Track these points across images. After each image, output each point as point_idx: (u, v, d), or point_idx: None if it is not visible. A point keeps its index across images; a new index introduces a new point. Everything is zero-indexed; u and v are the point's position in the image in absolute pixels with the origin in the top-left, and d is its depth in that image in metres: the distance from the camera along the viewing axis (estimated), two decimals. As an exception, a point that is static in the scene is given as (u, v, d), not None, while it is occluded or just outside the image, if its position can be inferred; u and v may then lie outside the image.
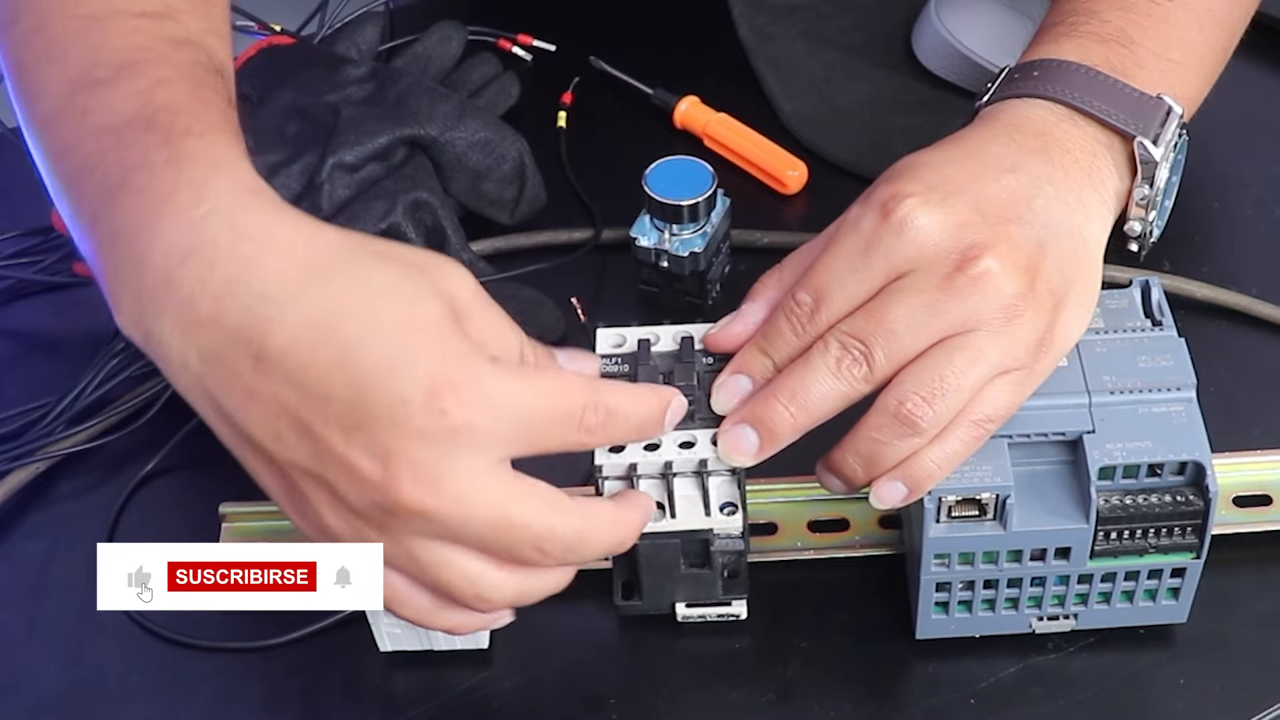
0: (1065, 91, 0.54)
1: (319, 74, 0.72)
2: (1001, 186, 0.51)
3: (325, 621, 0.58)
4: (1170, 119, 0.54)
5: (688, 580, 0.55)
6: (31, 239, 0.71)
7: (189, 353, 0.46)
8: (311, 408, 0.45)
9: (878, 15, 0.80)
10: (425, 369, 0.45)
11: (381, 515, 0.46)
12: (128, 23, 0.52)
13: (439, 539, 0.47)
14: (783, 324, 0.51)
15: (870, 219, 0.50)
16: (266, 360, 0.45)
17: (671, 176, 0.66)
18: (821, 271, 0.51)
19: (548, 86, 0.79)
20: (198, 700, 0.58)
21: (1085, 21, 0.57)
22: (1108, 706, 0.55)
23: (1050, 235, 0.51)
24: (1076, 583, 0.55)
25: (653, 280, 0.68)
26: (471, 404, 0.45)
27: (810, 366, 0.50)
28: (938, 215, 0.50)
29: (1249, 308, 0.67)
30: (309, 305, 0.45)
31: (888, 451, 0.50)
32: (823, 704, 0.56)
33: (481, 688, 0.57)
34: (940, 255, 0.50)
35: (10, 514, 0.64)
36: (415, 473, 0.45)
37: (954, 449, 0.51)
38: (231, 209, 0.47)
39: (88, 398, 0.65)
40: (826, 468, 0.52)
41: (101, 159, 0.49)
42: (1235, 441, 0.60)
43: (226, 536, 0.61)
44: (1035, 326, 0.50)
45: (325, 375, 0.45)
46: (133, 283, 0.47)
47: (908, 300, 0.49)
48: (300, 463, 0.46)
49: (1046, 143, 0.53)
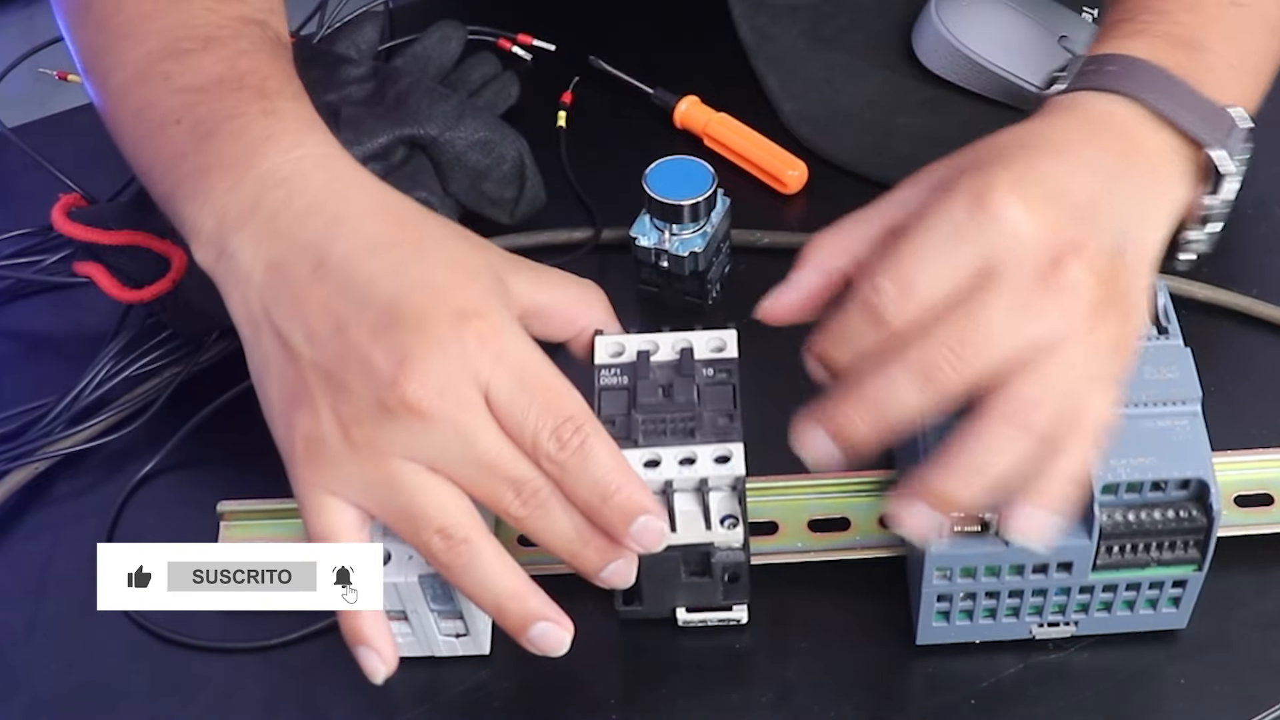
0: (1144, 92, 0.52)
1: (318, 73, 0.72)
2: (1087, 186, 0.50)
3: (325, 621, 0.58)
4: (1236, 130, 0.53)
5: (689, 588, 0.55)
6: (31, 239, 0.71)
7: (257, 262, 0.51)
8: (351, 310, 0.49)
9: (878, 15, 0.80)
10: (460, 296, 0.49)
11: (380, 416, 0.48)
12: (201, 4, 0.57)
13: (423, 459, 0.48)
14: (860, 315, 0.48)
15: (962, 206, 0.48)
16: (325, 267, 0.50)
17: (671, 176, 0.66)
18: (908, 258, 0.48)
19: (548, 86, 0.79)
20: (198, 700, 0.58)
21: (1156, 21, 0.55)
22: (1108, 706, 0.55)
23: (1125, 243, 0.50)
24: (1078, 593, 0.54)
25: (653, 280, 0.68)
26: (488, 338, 0.48)
27: (892, 377, 0.47)
28: (1034, 209, 0.48)
29: (1249, 308, 0.67)
30: (376, 229, 0.51)
31: (999, 469, 0.47)
32: (823, 704, 0.56)
33: (481, 688, 0.57)
34: (1034, 252, 0.47)
35: (10, 514, 0.64)
36: (425, 375, 0.47)
37: (1081, 463, 0.48)
38: (327, 157, 0.53)
39: (87, 398, 0.65)
40: (922, 496, 0.48)
41: (189, 112, 0.54)
42: (1235, 441, 0.60)
43: (225, 535, 0.61)
44: (1111, 334, 0.49)
45: (371, 282, 0.49)
46: (220, 206, 0.51)
47: (1003, 301, 0.47)
48: (323, 361, 0.49)
49: (1126, 145, 0.52)
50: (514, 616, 0.50)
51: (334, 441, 0.49)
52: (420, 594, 0.53)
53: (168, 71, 0.55)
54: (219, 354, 0.67)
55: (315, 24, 0.81)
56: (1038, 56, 0.75)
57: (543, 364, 0.50)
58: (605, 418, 0.53)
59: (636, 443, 0.52)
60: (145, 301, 0.65)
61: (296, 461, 0.50)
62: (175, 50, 0.55)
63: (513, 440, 0.49)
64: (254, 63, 0.55)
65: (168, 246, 0.64)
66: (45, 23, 0.66)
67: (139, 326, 0.67)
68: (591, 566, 0.51)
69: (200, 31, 0.56)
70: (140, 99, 0.56)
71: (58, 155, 0.73)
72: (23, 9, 1.64)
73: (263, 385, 0.51)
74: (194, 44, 0.55)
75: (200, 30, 0.56)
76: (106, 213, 0.67)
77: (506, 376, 0.49)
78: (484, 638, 0.57)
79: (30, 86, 0.80)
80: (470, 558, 0.50)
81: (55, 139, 0.77)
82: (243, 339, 0.52)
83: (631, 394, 0.53)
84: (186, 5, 0.57)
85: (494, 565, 0.50)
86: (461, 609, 0.55)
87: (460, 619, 0.56)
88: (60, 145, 0.75)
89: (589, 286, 0.56)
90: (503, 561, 0.50)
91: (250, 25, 0.57)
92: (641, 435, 0.52)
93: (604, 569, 0.51)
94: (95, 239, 0.65)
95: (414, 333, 0.48)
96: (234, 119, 0.53)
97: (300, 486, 0.50)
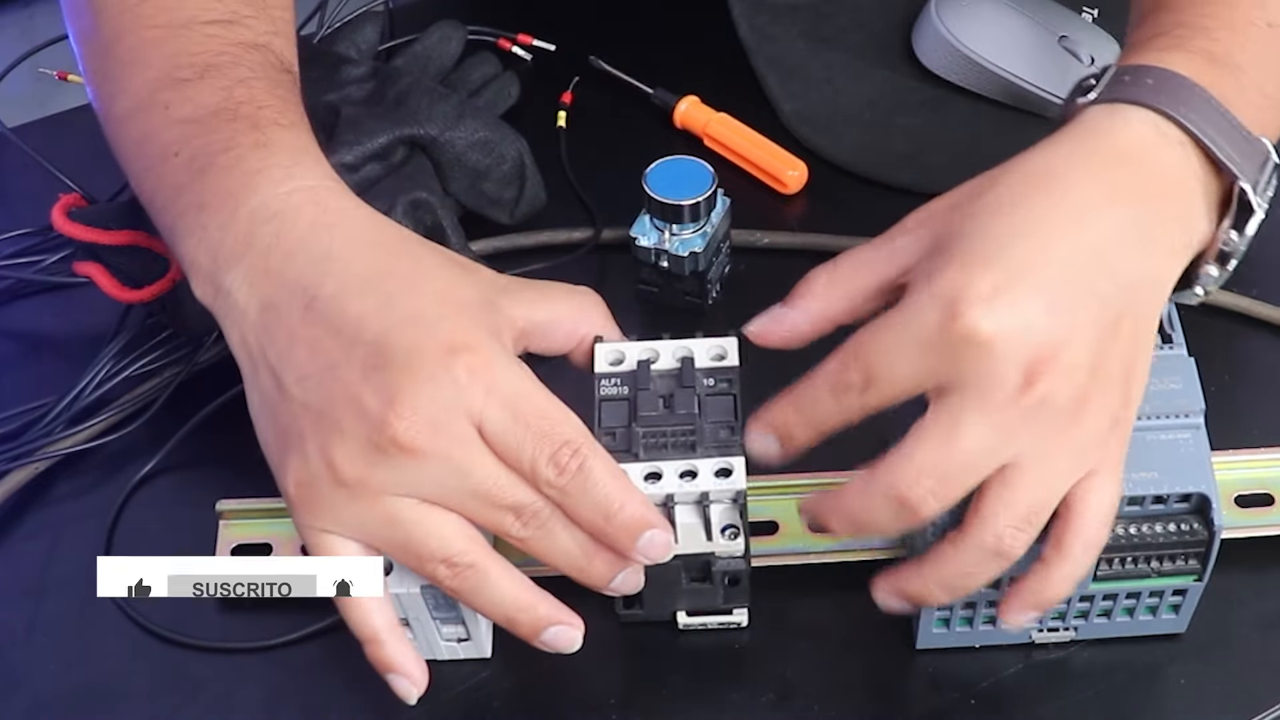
0: (1180, 110, 0.49)
1: (318, 73, 0.72)
2: (1081, 248, 0.47)
3: (325, 622, 0.58)
4: (1268, 164, 0.50)
5: (690, 593, 0.55)
6: (31, 239, 0.71)
7: (251, 302, 0.50)
8: (341, 349, 0.49)
9: (878, 15, 0.80)
10: (449, 329, 0.49)
11: (372, 455, 0.48)
12: (202, 30, 0.57)
13: (419, 494, 0.48)
14: (826, 394, 0.49)
15: (935, 315, 0.47)
16: (315, 307, 0.49)
17: (671, 176, 0.66)
18: (876, 351, 0.48)
19: (548, 86, 0.79)
20: (198, 700, 0.58)
21: (1194, 37, 0.52)
22: (1108, 707, 0.55)
23: (1127, 299, 0.48)
24: (1078, 600, 0.54)
25: (652, 280, 0.68)
26: (479, 371, 0.48)
27: (871, 500, 0.48)
28: (1006, 321, 0.46)
29: (1249, 309, 0.67)
30: (365, 264, 0.50)
31: (978, 581, 0.49)
32: (823, 704, 0.56)
33: (481, 688, 0.57)
34: (1003, 374, 0.46)
35: (10, 514, 0.64)
36: (415, 413, 0.47)
37: (1078, 565, 0.49)
38: (316, 189, 0.52)
39: (87, 398, 0.65)
40: (898, 592, 0.51)
41: (186, 144, 0.53)
42: (1235, 441, 0.60)
43: (224, 534, 0.61)
44: (1101, 422, 0.48)
45: (361, 319, 0.49)
46: (214, 243, 0.51)
47: (974, 428, 0.46)
48: (314, 403, 0.49)
49: (1145, 176, 0.49)
50: (526, 626, 0.51)
51: (325, 484, 0.49)
52: (422, 604, 0.53)
53: (167, 101, 0.55)
54: (219, 354, 0.66)
55: (315, 24, 0.81)
56: (1038, 56, 0.75)
57: (536, 391, 0.49)
58: (605, 429, 0.53)
59: (637, 456, 0.52)
60: (145, 301, 0.65)
61: (292, 506, 0.50)
62: (174, 79, 0.55)
63: (510, 469, 0.49)
64: (250, 91, 0.55)
65: (167, 246, 0.64)
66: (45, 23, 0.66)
67: (139, 326, 0.67)
68: (600, 579, 0.51)
69: (200, 59, 0.56)
70: (141, 129, 0.56)
71: (58, 155, 0.73)
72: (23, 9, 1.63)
73: (259, 425, 0.51)
74: (192, 73, 0.55)
75: (200, 58, 0.56)
76: (106, 213, 0.67)
77: (499, 408, 0.48)
78: (485, 642, 0.57)
79: (30, 86, 0.80)
80: (477, 582, 0.50)
81: (55, 139, 0.77)
82: (243, 375, 0.52)
83: (632, 405, 0.53)
84: (187, 32, 0.57)
85: (502, 584, 0.50)
86: (463, 616, 0.55)
87: (462, 624, 0.56)
88: (60, 145, 0.75)
89: (586, 294, 0.55)
90: (510, 578, 0.51)
91: (251, 51, 0.57)
92: (642, 449, 0.52)
93: (611, 580, 0.51)
94: (95, 239, 0.65)
95: (403, 371, 0.48)
96: (228, 151, 0.52)
97: (300, 531, 0.50)
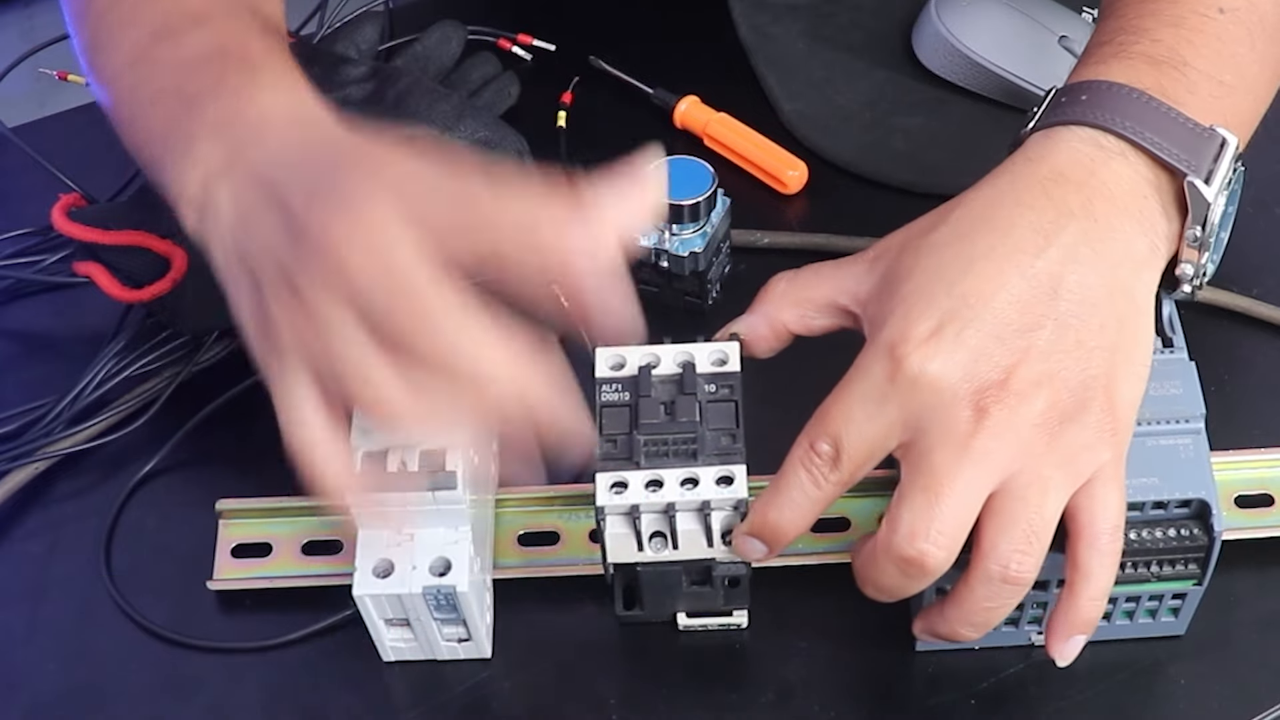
0: (1116, 120, 0.50)
1: (318, 73, 0.71)
2: (1030, 275, 0.48)
3: (325, 622, 0.58)
4: (1224, 152, 0.51)
5: (690, 595, 0.55)
6: (31, 239, 0.71)
7: (231, 206, 0.50)
8: (285, 185, 0.49)
9: (878, 15, 0.80)
10: (371, 148, 0.49)
11: (304, 259, 0.47)
12: None
13: (346, 300, 0.47)
14: (802, 474, 0.49)
15: (881, 367, 0.48)
16: (292, 209, 0.48)
17: (671, 176, 0.66)
18: (838, 417, 0.49)
19: (548, 86, 0.79)
20: (198, 700, 0.58)
21: (1135, 41, 0.53)
22: (1108, 707, 0.55)
23: (1085, 315, 0.48)
24: None
25: (652, 280, 0.68)
26: (397, 164, 0.48)
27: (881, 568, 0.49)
28: (947, 360, 0.47)
29: (1249, 308, 0.67)
30: (324, 127, 0.52)
31: (1002, 612, 0.50)
32: (823, 704, 0.56)
33: (481, 688, 0.57)
34: (954, 406, 0.47)
35: (10, 514, 0.64)
36: (339, 207, 0.47)
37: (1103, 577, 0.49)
38: (298, 100, 0.53)
39: (87, 398, 0.65)
40: (931, 633, 0.52)
41: (178, 84, 0.55)
42: (1235, 442, 0.60)
43: (224, 534, 0.61)
44: (1086, 421, 0.48)
45: (302, 157, 0.50)
46: (204, 167, 0.52)
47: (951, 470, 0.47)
48: (273, 250, 0.48)
49: (1089, 194, 0.49)
50: None
51: (284, 322, 0.48)
52: (424, 604, 0.53)
53: (159, 51, 0.56)
54: (219, 354, 0.66)
55: (315, 24, 0.80)
56: (1038, 56, 0.75)
57: (459, 183, 0.48)
58: (607, 436, 0.53)
59: (639, 464, 0.52)
60: (145, 301, 0.65)
61: (257, 348, 0.50)
62: (165, 31, 0.56)
63: None
64: (240, 40, 0.56)
65: (168, 246, 0.64)
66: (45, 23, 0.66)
67: (139, 326, 0.67)
68: None
69: (189, 14, 0.57)
70: (134, 80, 0.57)
71: (58, 155, 0.73)
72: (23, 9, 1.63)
73: (249, 332, 0.50)
74: (185, 23, 0.56)
75: (188, 14, 0.57)
76: (106, 213, 0.67)
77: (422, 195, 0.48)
78: (485, 642, 0.57)
79: (30, 86, 0.80)
80: None
81: (55, 139, 0.77)
82: (227, 292, 0.51)
83: (633, 412, 0.53)
84: None
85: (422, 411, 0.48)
86: (464, 616, 0.55)
87: (463, 625, 0.56)
88: (60, 145, 0.75)
89: None
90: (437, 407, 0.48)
91: (242, 9, 0.58)
92: (644, 457, 0.52)
93: None
94: (95, 239, 0.65)
95: (326, 179, 0.48)
96: (218, 85, 0.53)
97: (267, 378, 0.50)
